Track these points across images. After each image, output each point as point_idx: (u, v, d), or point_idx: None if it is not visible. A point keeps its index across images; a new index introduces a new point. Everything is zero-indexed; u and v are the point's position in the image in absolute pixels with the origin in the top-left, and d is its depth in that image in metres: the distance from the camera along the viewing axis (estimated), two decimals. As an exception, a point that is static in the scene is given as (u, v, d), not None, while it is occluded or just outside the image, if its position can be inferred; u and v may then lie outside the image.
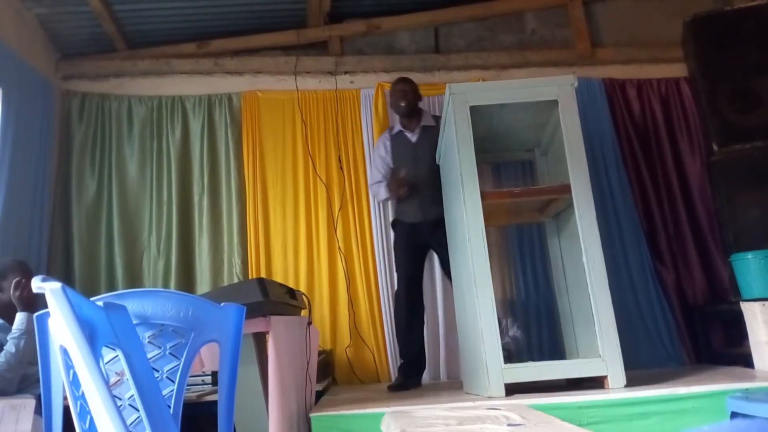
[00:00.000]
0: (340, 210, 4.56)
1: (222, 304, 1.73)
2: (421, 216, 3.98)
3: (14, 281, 2.76)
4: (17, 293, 2.74)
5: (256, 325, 2.43)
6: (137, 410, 1.46)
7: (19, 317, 2.70)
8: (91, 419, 1.36)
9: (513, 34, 5.13)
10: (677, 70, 4.83)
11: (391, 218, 4.41)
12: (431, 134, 3.99)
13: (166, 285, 4.43)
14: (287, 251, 4.60)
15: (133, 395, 1.46)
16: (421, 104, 4.24)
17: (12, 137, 3.91)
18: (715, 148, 3.78)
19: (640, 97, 4.90)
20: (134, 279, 4.47)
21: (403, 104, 4.07)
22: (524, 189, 3.92)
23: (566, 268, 3.57)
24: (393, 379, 4.12)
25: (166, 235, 4.54)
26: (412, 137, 4.10)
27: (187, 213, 4.62)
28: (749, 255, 3.46)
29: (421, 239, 4.03)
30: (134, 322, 1.56)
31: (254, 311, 2.37)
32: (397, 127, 4.17)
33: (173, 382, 1.63)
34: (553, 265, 3.95)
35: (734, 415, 2.62)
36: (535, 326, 4.48)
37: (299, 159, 4.73)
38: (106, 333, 1.41)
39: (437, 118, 4.04)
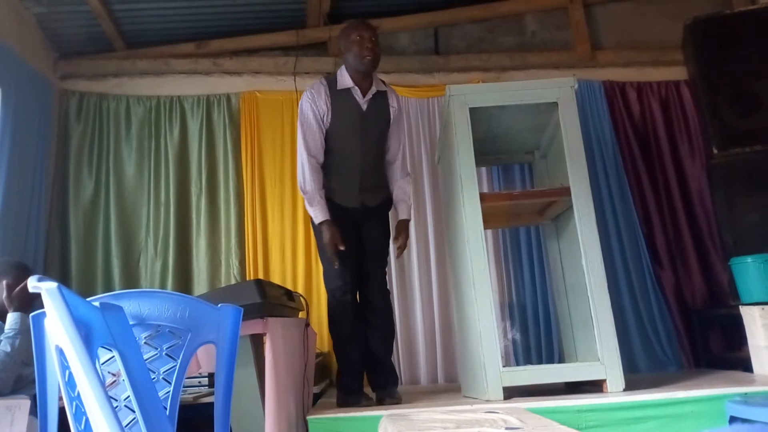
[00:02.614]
0: (338, 211, 4.55)
1: (219, 305, 1.72)
2: (359, 202, 3.21)
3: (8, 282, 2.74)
4: (13, 293, 2.72)
5: (254, 327, 2.42)
6: (133, 411, 1.45)
7: (12, 317, 2.68)
8: (87, 420, 1.35)
9: (513, 36, 5.13)
10: (677, 73, 4.84)
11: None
12: (382, 103, 3.27)
13: (163, 286, 4.42)
14: (285, 252, 4.59)
15: (129, 396, 1.45)
16: None
17: (10, 136, 3.89)
18: (715, 151, 3.78)
19: (640, 99, 4.90)
20: (131, 279, 4.46)
21: (369, 58, 3.13)
22: (523, 191, 3.93)
23: (565, 271, 3.56)
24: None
25: (163, 236, 4.53)
26: (363, 103, 3.19)
27: (184, 213, 4.61)
28: (749, 259, 3.45)
29: (352, 223, 3.22)
30: (131, 322, 1.56)
31: (251, 313, 2.36)
32: (347, 82, 3.18)
33: (169, 383, 1.62)
34: (552, 268, 3.95)
35: (733, 419, 2.61)
36: (534, 329, 4.47)
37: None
38: (102, 333, 1.41)
39: (385, 83, 3.36)
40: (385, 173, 3.40)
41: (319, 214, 3.08)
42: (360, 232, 3.26)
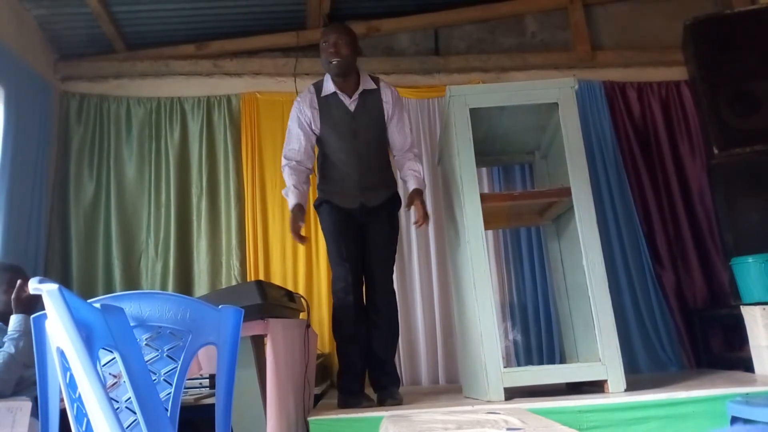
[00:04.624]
0: (339, 212, 4.55)
1: (220, 306, 1.72)
2: (358, 203, 3.20)
3: (17, 283, 2.75)
4: (14, 295, 2.72)
5: (254, 328, 2.42)
6: (134, 413, 1.45)
7: (14, 319, 2.68)
8: (88, 422, 1.35)
9: (513, 36, 5.13)
10: (677, 74, 4.83)
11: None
12: (373, 101, 3.26)
13: (164, 287, 4.42)
14: (286, 253, 4.59)
15: (130, 398, 1.45)
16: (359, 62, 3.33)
17: (11, 138, 3.90)
18: (716, 151, 3.77)
19: (640, 100, 4.91)
20: (132, 281, 4.46)
21: (334, 61, 3.13)
22: (524, 192, 3.94)
23: (566, 271, 3.56)
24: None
25: (164, 237, 4.53)
26: (350, 104, 3.21)
27: (185, 215, 4.62)
28: (749, 259, 3.44)
29: (356, 224, 3.24)
30: (131, 324, 1.56)
31: (252, 314, 2.36)
32: (330, 88, 3.21)
33: (170, 384, 1.62)
34: (552, 269, 3.95)
35: (735, 419, 2.60)
36: (535, 330, 4.47)
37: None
38: (103, 335, 1.41)
39: (377, 80, 3.33)
40: (389, 170, 3.38)
41: (291, 199, 3.16)
42: (364, 233, 3.26)
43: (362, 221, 3.24)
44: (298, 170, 3.21)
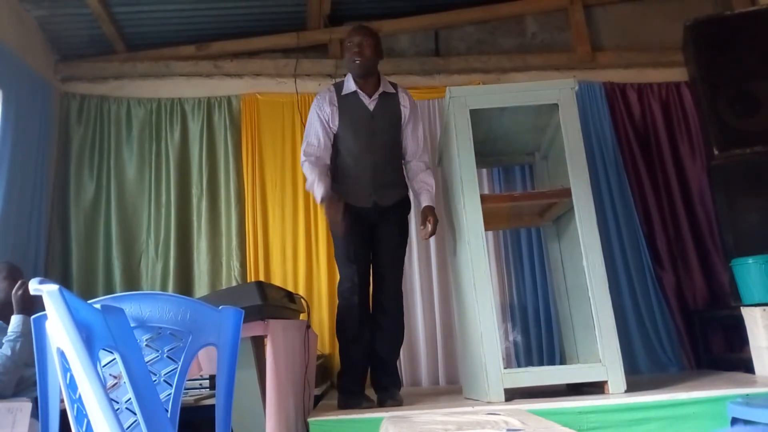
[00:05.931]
0: (339, 213, 4.55)
1: (220, 307, 1.72)
2: (371, 202, 3.21)
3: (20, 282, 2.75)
4: (17, 293, 2.72)
5: (255, 329, 2.42)
6: (134, 414, 1.45)
7: (14, 320, 2.68)
8: (88, 422, 1.35)
9: (513, 37, 5.13)
10: (678, 74, 4.83)
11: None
12: (391, 104, 3.31)
13: (164, 288, 4.42)
14: (286, 254, 4.59)
15: (130, 398, 1.45)
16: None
17: (11, 139, 3.91)
18: (716, 152, 3.77)
19: (640, 101, 4.90)
20: (132, 281, 4.46)
21: (357, 61, 3.22)
22: (524, 193, 3.94)
23: (566, 272, 3.56)
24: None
25: (164, 238, 4.53)
26: (370, 104, 3.26)
27: (185, 215, 4.62)
28: (750, 260, 3.45)
29: (366, 225, 3.26)
30: (132, 325, 1.56)
31: (252, 315, 2.36)
32: (351, 87, 3.28)
33: (170, 385, 1.62)
34: (553, 269, 3.95)
35: (735, 420, 2.60)
36: (535, 331, 4.47)
37: (299, 161, 4.70)
38: (103, 336, 1.41)
39: (395, 85, 3.39)
40: (401, 173, 3.39)
41: (318, 193, 3.11)
42: (374, 233, 3.27)
43: (374, 222, 3.25)
44: (318, 164, 3.20)
